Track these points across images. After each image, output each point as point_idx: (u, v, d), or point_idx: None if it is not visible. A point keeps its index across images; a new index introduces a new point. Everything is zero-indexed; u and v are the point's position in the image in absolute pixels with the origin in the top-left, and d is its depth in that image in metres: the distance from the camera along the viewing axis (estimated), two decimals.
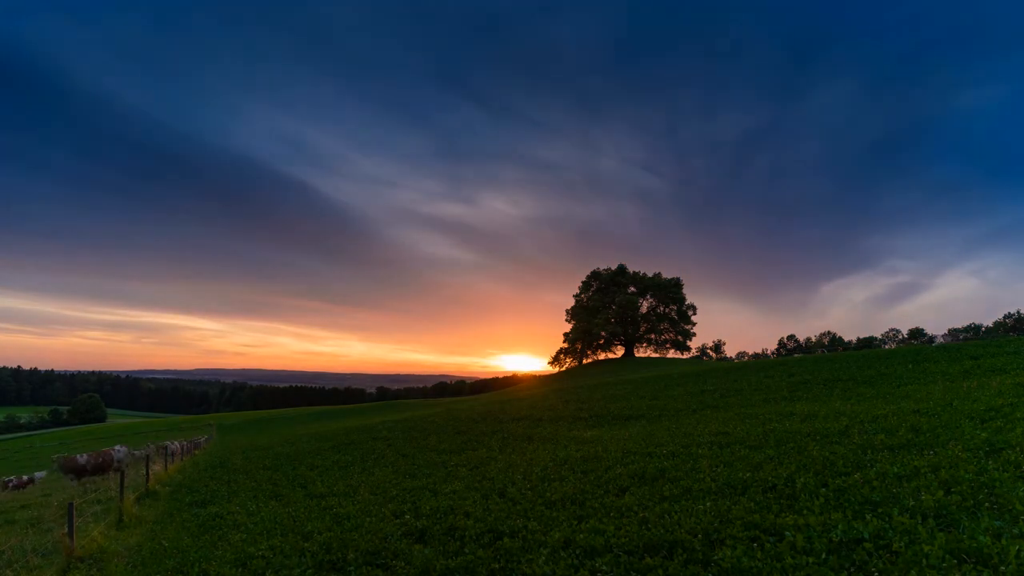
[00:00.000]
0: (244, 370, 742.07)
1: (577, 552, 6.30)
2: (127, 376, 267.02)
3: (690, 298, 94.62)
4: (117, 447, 19.16)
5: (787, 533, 5.78)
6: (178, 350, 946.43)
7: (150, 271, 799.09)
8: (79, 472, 17.81)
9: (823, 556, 5.13)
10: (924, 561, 4.67)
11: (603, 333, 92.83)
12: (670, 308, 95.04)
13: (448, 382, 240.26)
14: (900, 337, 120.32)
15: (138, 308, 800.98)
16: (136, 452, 23.25)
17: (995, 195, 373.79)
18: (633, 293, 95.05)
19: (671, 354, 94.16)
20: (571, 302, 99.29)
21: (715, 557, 5.52)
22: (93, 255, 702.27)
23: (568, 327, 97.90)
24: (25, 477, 22.30)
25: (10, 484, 21.24)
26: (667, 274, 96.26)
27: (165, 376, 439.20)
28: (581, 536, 6.71)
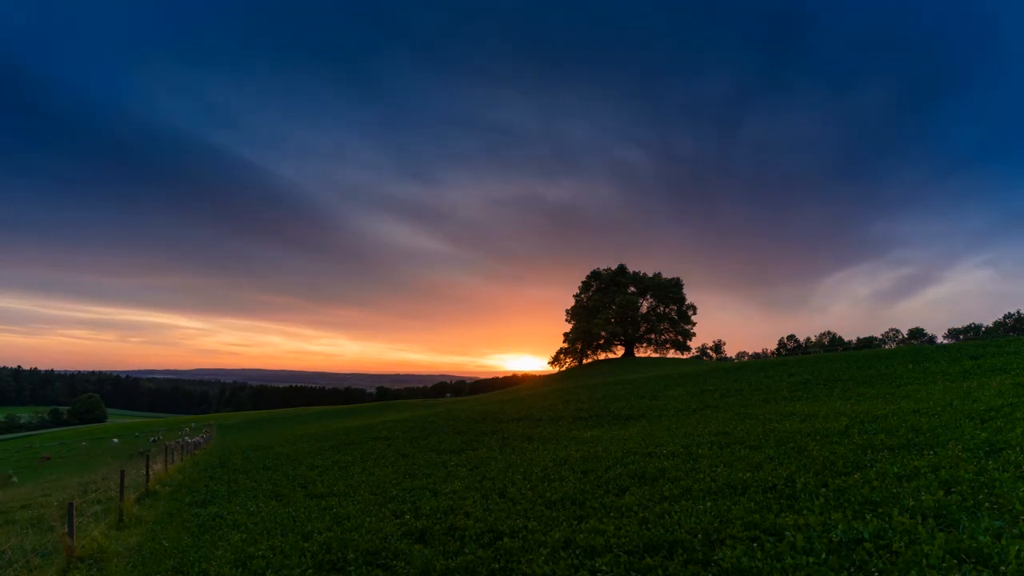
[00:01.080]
0: (244, 370, 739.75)
1: (577, 552, 6.30)
2: (127, 376, 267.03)
3: (680, 293, 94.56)
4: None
5: (787, 533, 5.78)
6: (167, 349, 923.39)
7: (103, 264, 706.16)
8: None
9: (823, 556, 5.13)
10: (924, 561, 4.67)
11: (603, 333, 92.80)
12: (670, 308, 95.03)
13: (448, 382, 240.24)
14: (900, 337, 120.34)
15: (108, 305, 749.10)
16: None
17: (1014, 172, 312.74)
18: (633, 293, 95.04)
19: (671, 354, 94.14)
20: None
21: (715, 557, 5.52)
22: (41, 249, 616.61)
23: (568, 327, 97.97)
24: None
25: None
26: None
27: (165, 376, 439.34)
28: (581, 536, 6.71)
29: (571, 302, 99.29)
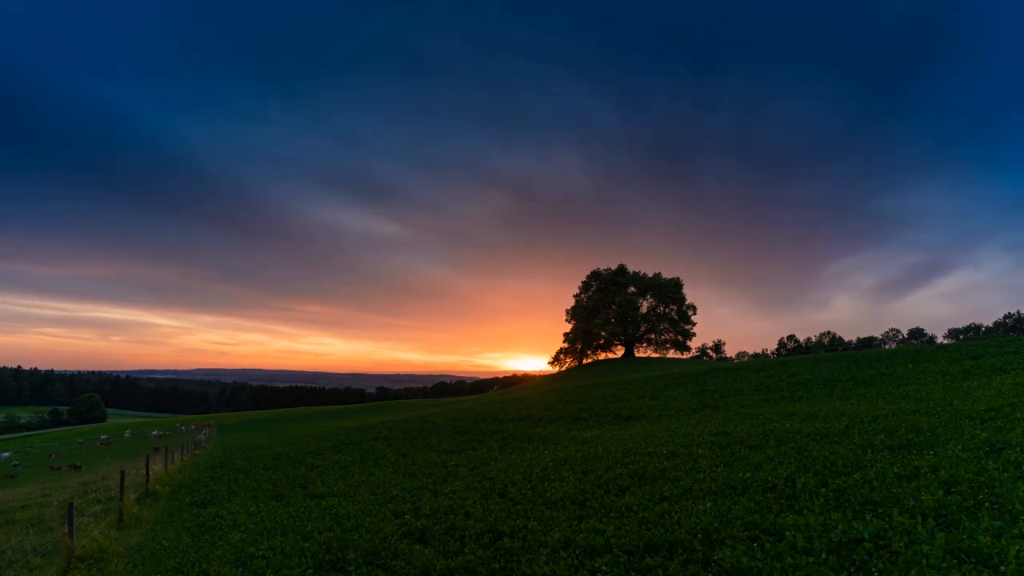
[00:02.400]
0: (244, 370, 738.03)
1: (577, 552, 6.30)
2: (127, 376, 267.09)
3: (679, 293, 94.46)
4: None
5: (787, 533, 5.78)
6: (147, 347, 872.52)
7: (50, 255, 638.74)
8: None
9: (823, 556, 5.13)
10: (924, 561, 4.67)
11: (603, 333, 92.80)
12: (670, 308, 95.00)
13: (448, 382, 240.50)
14: (900, 337, 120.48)
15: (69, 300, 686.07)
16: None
17: None
18: (633, 293, 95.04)
19: (671, 354, 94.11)
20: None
21: (715, 557, 5.52)
22: None
23: (568, 327, 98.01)
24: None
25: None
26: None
27: (165, 376, 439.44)
28: (581, 536, 6.71)
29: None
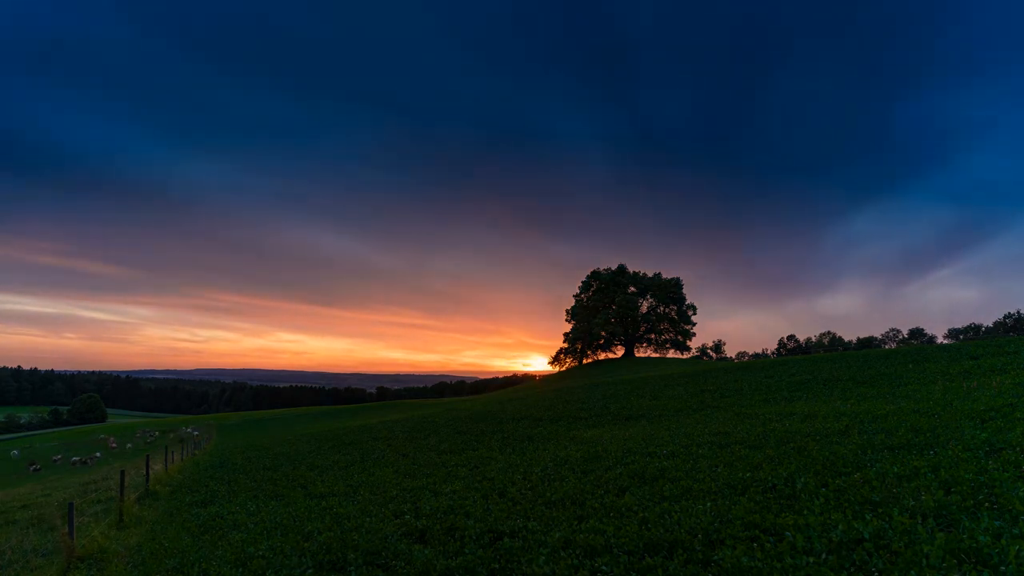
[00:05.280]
0: (244, 370, 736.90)
1: (577, 552, 6.30)
2: (127, 376, 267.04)
3: (680, 293, 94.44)
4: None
5: (787, 533, 5.78)
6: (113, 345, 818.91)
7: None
8: None
9: (823, 556, 5.13)
10: (924, 561, 4.67)
11: (603, 333, 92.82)
12: (670, 308, 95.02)
13: (448, 382, 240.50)
14: (900, 337, 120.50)
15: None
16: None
17: None
18: (633, 293, 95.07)
19: (671, 354, 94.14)
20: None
21: (715, 557, 5.52)
22: None
23: (569, 327, 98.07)
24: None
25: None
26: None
27: (165, 376, 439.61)
28: (581, 536, 6.71)
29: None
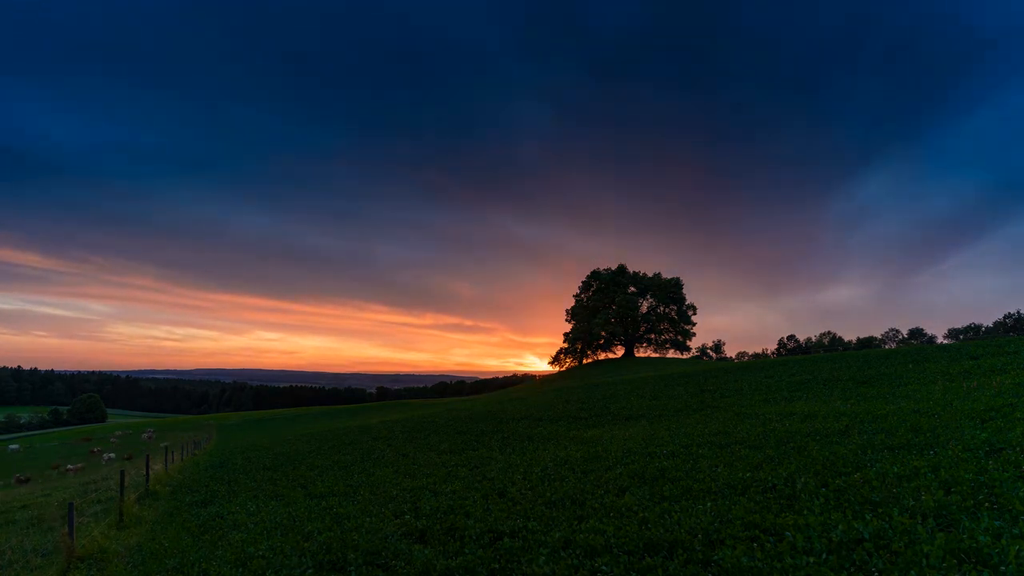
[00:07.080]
0: (244, 370, 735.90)
1: (577, 552, 6.30)
2: (127, 376, 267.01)
3: (680, 293, 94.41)
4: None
5: (787, 533, 5.78)
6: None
7: None
8: None
9: (823, 556, 5.13)
10: (924, 561, 4.67)
11: (603, 333, 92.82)
12: (670, 308, 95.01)
13: (448, 382, 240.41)
14: (900, 337, 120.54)
15: None
16: None
17: None
18: (633, 293, 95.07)
19: (671, 354, 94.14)
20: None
21: (715, 557, 5.52)
22: None
23: (568, 327, 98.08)
24: None
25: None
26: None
27: (165, 376, 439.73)
28: (581, 536, 6.71)
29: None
